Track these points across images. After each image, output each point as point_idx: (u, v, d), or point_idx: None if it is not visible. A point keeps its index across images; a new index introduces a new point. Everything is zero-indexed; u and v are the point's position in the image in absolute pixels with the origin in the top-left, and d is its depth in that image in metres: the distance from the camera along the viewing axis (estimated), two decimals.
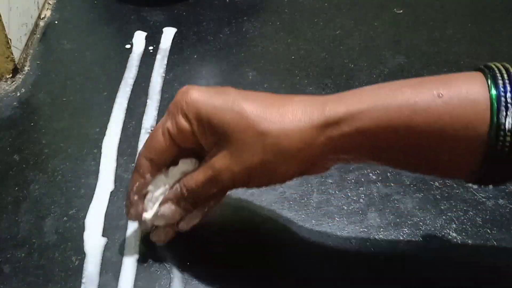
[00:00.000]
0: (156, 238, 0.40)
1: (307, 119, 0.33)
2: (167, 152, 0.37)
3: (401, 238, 0.41)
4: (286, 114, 0.34)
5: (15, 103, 0.54)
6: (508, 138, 0.30)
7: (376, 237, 0.41)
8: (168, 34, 0.62)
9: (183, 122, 0.36)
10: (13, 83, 0.56)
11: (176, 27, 0.63)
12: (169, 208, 0.38)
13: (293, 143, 0.33)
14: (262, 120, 0.34)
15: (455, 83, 0.32)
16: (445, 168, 0.34)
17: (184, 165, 0.38)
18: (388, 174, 0.46)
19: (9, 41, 0.55)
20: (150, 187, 0.38)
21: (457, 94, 0.31)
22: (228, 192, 0.39)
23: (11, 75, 0.56)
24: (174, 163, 0.38)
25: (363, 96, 0.33)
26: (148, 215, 0.38)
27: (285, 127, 0.33)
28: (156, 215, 0.38)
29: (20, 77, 0.57)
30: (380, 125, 0.32)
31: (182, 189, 0.37)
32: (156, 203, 0.38)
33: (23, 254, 0.41)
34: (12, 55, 0.55)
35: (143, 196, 0.38)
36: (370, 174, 0.46)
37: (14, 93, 0.55)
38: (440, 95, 0.31)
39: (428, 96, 0.32)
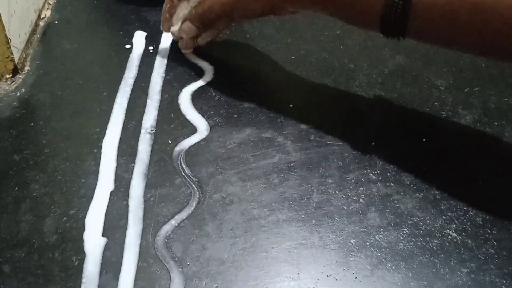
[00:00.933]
0: (181, 45, 0.58)
1: None
2: None
3: (401, 238, 0.41)
4: None
5: (15, 103, 0.54)
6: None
7: (376, 237, 0.41)
8: (168, 34, 0.62)
9: None
10: (13, 83, 0.56)
11: None
12: (187, 25, 0.55)
13: None
14: None
15: None
16: (359, 17, 0.46)
17: None
18: (388, 174, 0.46)
19: (9, 41, 0.55)
20: (177, 9, 0.55)
21: None
22: None
23: (11, 75, 0.56)
24: None
25: None
26: (174, 28, 0.56)
27: None
28: (180, 29, 0.55)
29: (20, 77, 0.57)
30: None
31: (194, 12, 0.53)
32: (180, 21, 0.55)
33: (23, 254, 0.41)
34: (12, 55, 0.55)
35: (172, 15, 0.56)
36: (370, 174, 0.46)
37: (14, 93, 0.55)
38: None
39: None
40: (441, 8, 0.41)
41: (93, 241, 0.41)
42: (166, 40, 0.61)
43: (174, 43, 0.61)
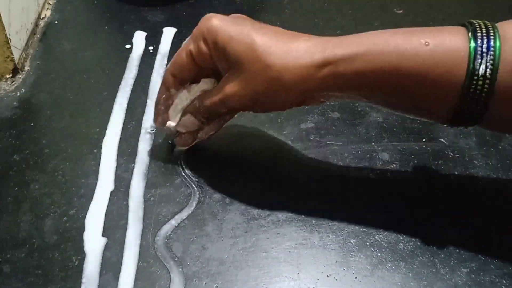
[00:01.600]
0: (179, 142, 0.47)
1: (309, 57, 0.38)
2: (189, 70, 0.43)
3: (401, 238, 0.41)
4: (291, 51, 0.38)
5: (15, 103, 0.54)
6: (480, 82, 0.35)
7: (376, 237, 0.41)
8: (168, 34, 0.62)
9: (203, 46, 0.41)
10: (13, 83, 0.56)
11: (176, 27, 0.63)
12: (188, 118, 0.44)
13: (293, 77, 0.38)
14: (269, 54, 0.39)
15: (441, 34, 0.36)
16: (426, 108, 0.38)
17: (204, 84, 0.44)
18: (388, 174, 0.46)
19: (9, 41, 0.55)
20: (175, 100, 0.45)
21: (441, 43, 0.36)
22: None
23: (11, 75, 0.56)
24: (196, 81, 0.44)
25: (361, 40, 0.38)
26: (172, 123, 0.45)
27: (288, 63, 0.38)
28: (178, 123, 0.45)
29: (20, 77, 0.57)
30: (372, 68, 0.37)
31: (199, 105, 0.43)
32: (178, 114, 0.45)
33: (23, 254, 0.41)
34: (12, 55, 0.55)
35: (168, 107, 0.45)
36: (370, 174, 0.46)
37: (14, 93, 0.55)
38: (427, 43, 0.36)
39: (416, 44, 0.36)
40: None
41: (93, 241, 0.41)
42: (166, 40, 0.61)
43: (174, 43, 0.61)
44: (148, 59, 0.59)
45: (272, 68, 0.38)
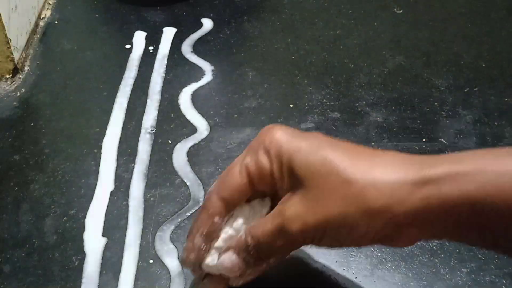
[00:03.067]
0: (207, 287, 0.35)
1: (402, 174, 0.29)
2: (243, 192, 0.33)
3: None
4: (376, 166, 0.29)
5: (15, 103, 0.54)
6: None
7: None
8: (168, 34, 0.62)
9: (264, 159, 0.32)
10: (13, 83, 0.56)
11: (176, 27, 0.63)
12: (229, 258, 0.33)
13: (382, 197, 0.28)
14: (348, 167, 0.29)
15: None
16: None
17: (254, 206, 0.34)
18: None
19: (9, 41, 0.55)
20: (221, 234, 0.33)
21: None
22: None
23: (11, 75, 0.56)
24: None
25: (465, 158, 0.29)
26: (211, 262, 0.33)
27: (375, 178, 0.29)
28: (218, 262, 0.33)
29: (20, 77, 0.57)
30: (489, 192, 0.27)
31: (246, 237, 0.32)
32: (218, 250, 0.33)
33: (23, 254, 0.41)
34: (12, 55, 0.55)
35: (209, 241, 0.33)
36: None
37: (14, 93, 0.55)
38: None
39: None
40: None
41: (93, 241, 0.41)
42: (166, 40, 0.61)
43: (174, 43, 0.61)
44: (148, 59, 0.59)
45: (352, 183, 0.29)
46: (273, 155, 0.32)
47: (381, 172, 0.29)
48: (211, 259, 0.33)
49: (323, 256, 0.40)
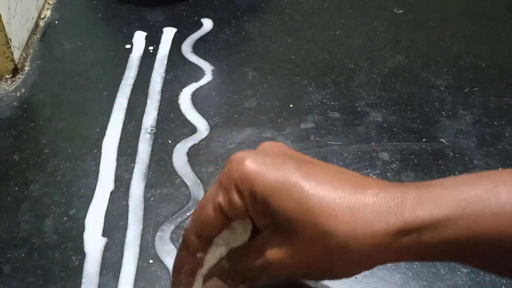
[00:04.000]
0: None
1: (382, 222, 0.28)
2: (218, 227, 0.33)
3: None
4: (357, 212, 0.28)
5: (15, 103, 0.54)
6: None
7: None
8: (168, 34, 0.62)
9: (236, 198, 0.31)
10: (13, 83, 0.56)
11: (176, 27, 0.63)
12: (215, 283, 0.33)
13: (363, 248, 0.28)
14: (328, 217, 0.29)
15: None
16: None
17: (234, 227, 0.33)
18: (388, 174, 0.46)
19: (9, 41, 0.55)
20: (204, 264, 0.34)
21: None
22: None
23: (11, 75, 0.56)
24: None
25: (449, 197, 0.28)
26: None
27: (356, 229, 0.28)
28: None
29: (20, 77, 0.57)
30: (470, 236, 0.27)
31: (230, 267, 0.33)
32: (201, 276, 0.34)
33: (23, 254, 0.41)
34: (12, 55, 0.55)
35: (193, 275, 0.34)
36: (370, 174, 0.46)
37: (14, 93, 0.55)
38: None
39: None
40: None
41: (93, 241, 0.41)
42: (166, 40, 0.61)
43: (174, 43, 0.61)
44: (148, 59, 0.59)
45: (333, 236, 0.29)
46: (246, 195, 0.30)
47: (362, 222, 0.28)
48: (197, 286, 0.34)
49: None
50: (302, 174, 0.30)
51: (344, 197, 0.29)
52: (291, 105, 0.53)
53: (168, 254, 0.40)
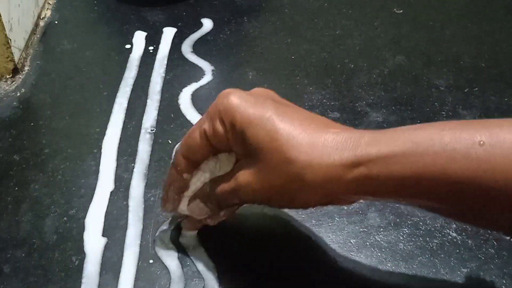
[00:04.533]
0: (186, 226, 0.42)
1: (337, 155, 0.32)
2: (203, 151, 0.37)
3: (401, 238, 0.41)
4: (317, 145, 0.33)
5: (15, 103, 0.54)
6: None
7: (376, 237, 0.41)
8: (168, 34, 0.62)
9: (219, 127, 0.36)
10: (13, 83, 0.56)
11: (176, 27, 0.63)
12: (197, 205, 0.39)
13: (317, 177, 0.32)
14: (292, 147, 0.33)
15: (499, 130, 0.30)
16: (482, 219, 0.32)
17: (220, 159, 0.38)
18: None
19: (9, 41, 0.55)
20: (190, 185, 0.39)
21: (501, 143, 0.29)
22: None
23: (11, 75, 0.56)
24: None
25: (399, 138, 0.32)
26: (183, 207, 0.40)
27: (313, 160, 0.32)
28: (187, 208, 0.40)
29: (20, 77, 0.57)
30: (413, 172, 0.31)
31: (209, 192, 0.38)
32: (187, 197, 0.39)
33: (23, 254, 0.41)
34: (12, 55, 0.55)
35: (180, 193, 0.39)
36: None
37: (14, 93, 0.55)
38: (481, 143, 0.29)
39: (468, 143, 0.30)
40: None
41: (93, 241, 0.41)
42: (166, 40, 0.61)
43: (174, 43, 0.61)
44: (148, 59, 0.59)
45: (293, 163, 0.33)
46: (227, 124, 0.35)
47: (320, 153, 0.32)
48: (183, 206, 0.39)
49: (323, 256, 0.40)
50: (277, 112, 0.34)
51: (308, 133, 0.33)
52: None
53: (168, 254, 0.40)
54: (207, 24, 0.64)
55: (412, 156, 0.31)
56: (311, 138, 0.33)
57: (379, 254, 0.40)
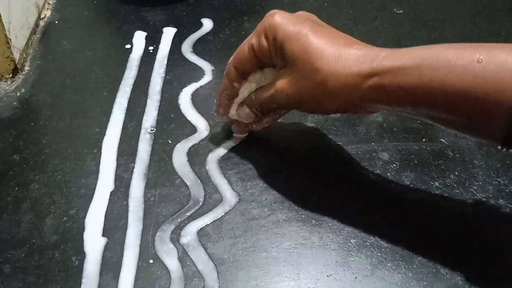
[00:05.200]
0: (236, 130, 0.49)
1: (356, 67, 0.38)
2: (251, 63, 0.44)
3: (401, 238, 0.41)
4: (341, 58, 0.39)
5: (15, 103, 0.54)
6: None
7: (376, 237, 0.41)
8: (168, 34, 0.62)
9: (264, 42, 0.42)
10: (13, 83, 0.56)
11: (176, 27, 0.63)
12: (244, 110, 0.46)
13: (338, 84, 0.39)
14: (320, 58, 0.39)
15: (498, 51, 0.34)
16: (475, 128, 0.37)
17: (266, 73, 0.44)
18: (388, 174, 0.46)
19: (9, 41, 0.55)
20: (240, 94, 0.46)
21: (495, 60, 0.34)
22: None
23: (11, 75, 0.56)
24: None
25: (410, 53, 0.37)
26: (232, 112, 0.47)
27: (336, 70, 0.39)
28: (236, 113, 0.47)
29: (20, 77, 0.57)
30: (418, 83, 0.36)
31: (254, 98, 0.45)
32: (236, 104, 0.46)
33: (23, 254, 0.41)
34: (12, 55, 0.55)
35: (231, 100, 0.46)
36: (370, 174, 0.46)
37: (14, 93, 0.55)
38: (480, 60, 0.34)
39: (468, 60, 0.35)
40: None
41: (93, 241, 0.41)
42: (166, 40, 0.61)
43: (174, 43, 0.61)
44: (148, 59, 0.59)
45: (319, 72, 0.39)
46: (270, 39, 0.42)
47: (342, 64, 0.39)
48: (233, 110, 0.47)
49: (323, 257, 0.40)
50: (312, 30, 0.40)
51: (335, 48, 0.39)
52: None
53: (168, 254, 0.40)
54: (207, 24, 0.64)
55: (418, 69, 0.36)
56: (337, 52, 0.39)
57: (379, 254, 0.40)
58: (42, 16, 0.65)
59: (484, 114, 0.35)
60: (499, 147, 0.36)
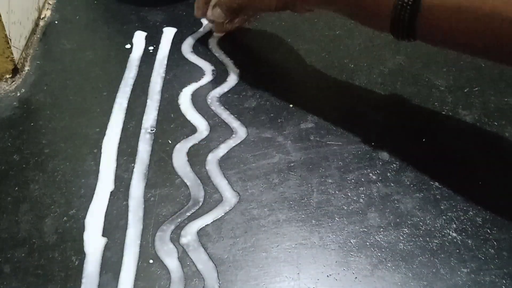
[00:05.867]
0: (215, 29, 0.61)
1: None
2: None
3: (401, 238, 0.41)
4: None
5: (15, 103, 0.54)
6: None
7: (376, 237, 0.41)
8: (168, 34, 0.62)
9: None
10: (13, 83, 0.56)
11: (176, 27, 0.63)
12: (216, 11, 0.57)
13: None
14: None
15: None
16: (369, 18, 0.47)
17: None
18: (388, 174, 0.46)
19: (9, 41, 0.55)
20: None
21: None
22: None
23: (11, 75, 0.56)
24: None
25: None
26: (208, 13, 0.58)
27: None
28: (211, 13, 0.57)
29: (20, 77, 0.57)
30: None
31: (222, 1, 0.56)
32: (212, 6, 0.57)
33: (23, 254, 0.41)
34: (12, 55, 0.55)
35: (207, 3, 0.57)
36: (370, 174, 0.46)
37: (14, 93, 0.55)
38: None
39: None
40: (447, 12, 0.41)
41: (93, 241, 0.41)
42: (166, 40, 0.61)
43: (174, 43, 0.61)
44: (148, 59, 0.59)
45: None
46: None
47: None
48: (209, 12, 0.57)
49: (323, 257, 0.40)
50: None
51: None
52: (291, 105, 0.53)
53: (168, 254, 0.40)
54: (207, 24, 0.64)
55: None
56: None
57: (379, 254, 0.40)
58: (42, 16, 0.65)
59: (375, 8, 0.45)
60: (395, 38, 0.44)
